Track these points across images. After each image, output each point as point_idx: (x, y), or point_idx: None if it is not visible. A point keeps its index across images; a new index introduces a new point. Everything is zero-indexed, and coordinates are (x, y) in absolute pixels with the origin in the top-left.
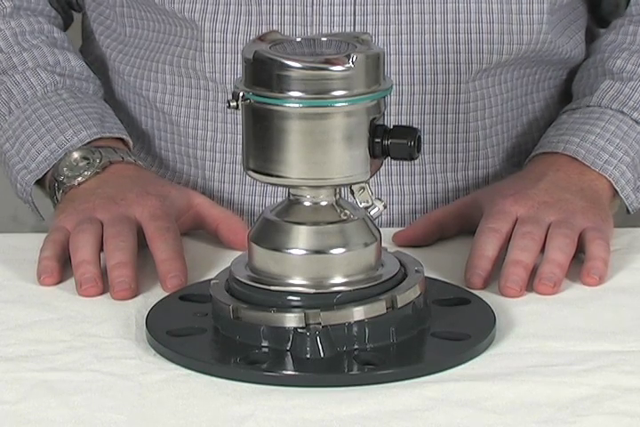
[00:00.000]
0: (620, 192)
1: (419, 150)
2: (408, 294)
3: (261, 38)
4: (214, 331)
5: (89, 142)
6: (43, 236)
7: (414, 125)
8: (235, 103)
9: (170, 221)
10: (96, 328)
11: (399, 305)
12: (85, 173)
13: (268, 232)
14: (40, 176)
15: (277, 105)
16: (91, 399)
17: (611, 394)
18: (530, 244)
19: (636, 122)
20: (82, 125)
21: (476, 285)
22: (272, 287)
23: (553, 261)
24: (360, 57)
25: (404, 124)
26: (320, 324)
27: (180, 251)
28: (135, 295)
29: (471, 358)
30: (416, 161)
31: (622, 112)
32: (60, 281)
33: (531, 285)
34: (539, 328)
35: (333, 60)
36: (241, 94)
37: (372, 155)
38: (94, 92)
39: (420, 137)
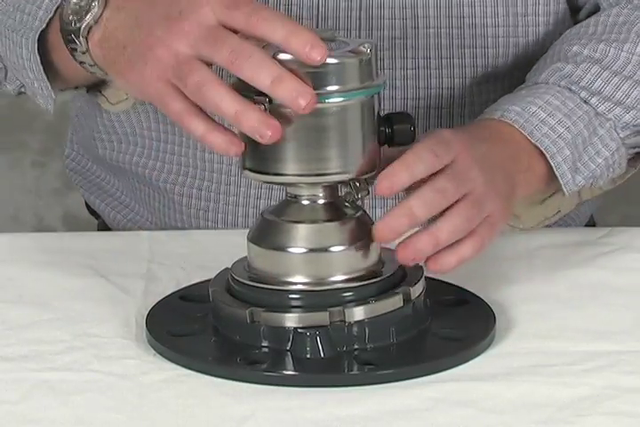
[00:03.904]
0: (554, 169)
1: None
2: (408, 294)
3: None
4: (214, 331)
5: None
6: (42, 236)
7: (422, 119)
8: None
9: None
10: (96, 328)
11: (399, 305)
12: (93, 4)
13: (267, 232)
14: (44, 25)
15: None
16: (91, 399)
17: (611, 394)
18: (438, 202)
19: (585, 101)
20: None
21: (383, 191)
22: (272, 287)
23: (436, 237)
24: (372, 47)
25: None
26: (320, 323)
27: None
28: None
29: (471, 358)
30: None
31: (570, 89)
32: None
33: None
34: (538, 328)
35: (356, 51)
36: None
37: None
38: None
39: None
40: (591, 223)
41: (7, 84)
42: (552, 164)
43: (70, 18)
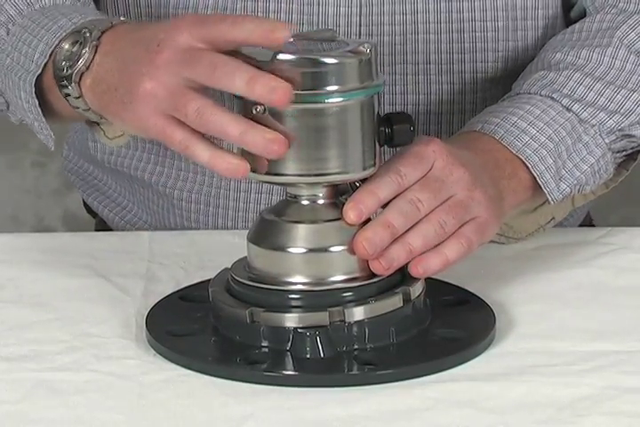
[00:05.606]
0: (537, 178)
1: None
2: (408, 294)
3: None
4: (214, 331)
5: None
6: (42, 236)
7: (422, 125)
8: (262, 107)
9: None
10: (96, 328)
11: (399, 305)
12: (84, 50)
13: (267, 232)
14: (40, 71)
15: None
16: (91, 399)
17: (611, 394)
18: (412, 213)
19: (567, 108)
20: (77, 13)
21: (352, 219)
22: (272, 287)
23: (408, 245)
24: (371, 47)
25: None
26: (320, 324)
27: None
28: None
29: (471, 358)
30: None
31: (552, 98)
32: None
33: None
34: (539, 328)
35: (355, 51)
36: None
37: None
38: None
39: None
40: (587, 221)
41: (10, 114)
42: (534, 173)
43: (63, 64)
